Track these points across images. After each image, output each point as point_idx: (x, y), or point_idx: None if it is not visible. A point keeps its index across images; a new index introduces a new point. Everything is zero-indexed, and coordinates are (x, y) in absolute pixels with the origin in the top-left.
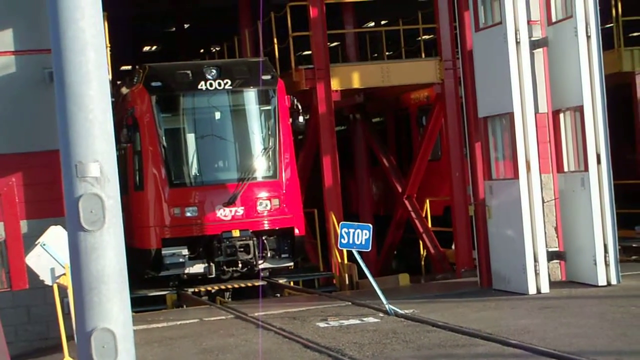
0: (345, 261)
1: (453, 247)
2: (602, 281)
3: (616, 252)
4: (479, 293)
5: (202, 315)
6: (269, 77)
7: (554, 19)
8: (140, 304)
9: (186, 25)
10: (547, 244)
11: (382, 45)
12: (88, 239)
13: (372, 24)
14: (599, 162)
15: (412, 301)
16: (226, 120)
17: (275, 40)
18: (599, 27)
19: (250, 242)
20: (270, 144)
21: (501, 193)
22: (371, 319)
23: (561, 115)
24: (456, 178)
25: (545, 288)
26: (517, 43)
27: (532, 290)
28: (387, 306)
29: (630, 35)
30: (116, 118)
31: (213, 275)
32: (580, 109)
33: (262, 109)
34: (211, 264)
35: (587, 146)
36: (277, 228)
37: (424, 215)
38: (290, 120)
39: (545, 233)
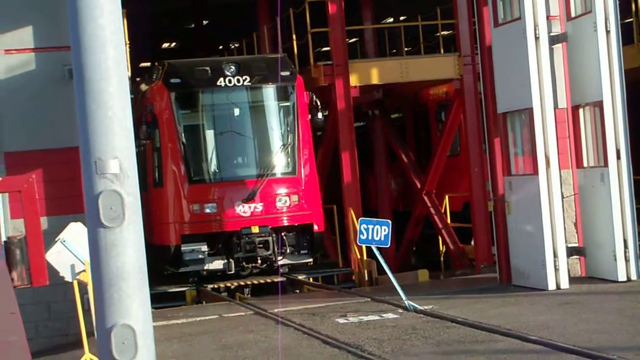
0: (365, 257)
1: (472, 243)
2: (622, 277)
3: (636, 247)
4: (498, 289)
5: (221, 312)
6: (287, 73)
7: (573, 14)
8: (160, 300)
9: (205, 22)
10: (566, 239)
11: (401, 41)
12: (108, 236)
13: (391, 19)
14: (618, 157)
15: (432, 297)
16: (245, 117)
17: (294, 37)
18: (619, 22)
19: (270, 238)
20: (289, 140)
21: (520, 189)
22: (390, 315)
23: (580, 110)
24: (475, 174)
25: (564, 284)
26: (536, 38)
27: (551, 286)
28: (406, 302)
29: None
30: (135, 115)
31: (232, 272)
32: (599, 104)
33: (280, 105)
34: (230, 260)
35: (607, 141)
36: (296, 224)
37: (443, 211)
38: (309, 116)
39: (564, 228)
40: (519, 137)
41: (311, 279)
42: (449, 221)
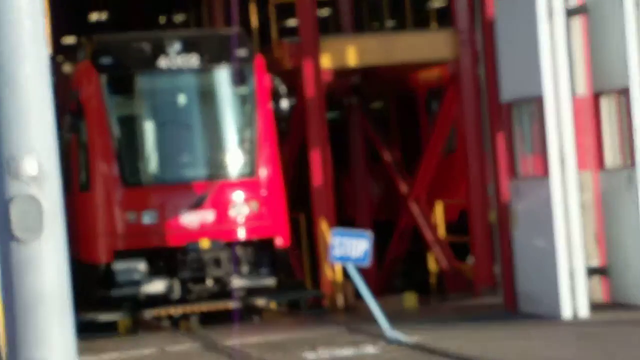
0: (339, 278)
1: (470, 260)
2: None
3: None
4: (501, 317)
5: (163, 344)
6: (244, 52)
7: None
8: (87, 330)
9: None
10: (585, 257)
11: (384, 13)
12: (22, 251)
13: None
14: None
15: (420, 327)
16: (192, 105)
17: (252, 7)
18: None
19: (222, 255)
20: (247, 134)
21: (529, 194)
22: (370, 349)
23: (603, 99)
24: (474, 176)
25: (583, 311)
26: (550, 11)
27: (567, 313)
28: (388, 333)
29: None
30: (57, 102)
31: (176, 296)
32: (626, 92)
33: (236, 91)
34: (174, 281)
35: (635, 137)
36: (255, 238)
37: (434, 221)
38: (272, 105)
39: (583, 244)
40: (527, 131)
41: (273, 304)
42: (441, 234)
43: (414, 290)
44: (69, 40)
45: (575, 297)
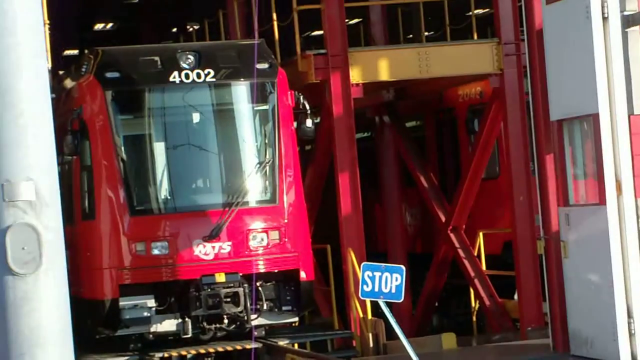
0: (369, 316)
1: (515, 297)
2: None
3: None
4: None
5: None
6: (265, 65)
7: None
8: None
9: None
10: None
11: (420, 23)
12: (18, 286)
13: None
14: None
15: None
16: (207, 125)
17: (274, 16)
18: None
19: (240, 290)
20: (268, 156)
21: (582, 224)
22: None
23: None
24: (520, 203)
25: None
26: (604, 19)
27: (624, 357)
28: None
29: None
30: (58, 121)
31: (189, 335)
32: None
33: (256, 109)
34: (187, 319)
35: None
36: (276, 270)
37: (475, 253)
38: (295, 124)
39: None
40: (579, 153)
41: (297, 346)
42: (483, 267)
43: (452, 329)
44: (72, 52)
45: (633, 338)
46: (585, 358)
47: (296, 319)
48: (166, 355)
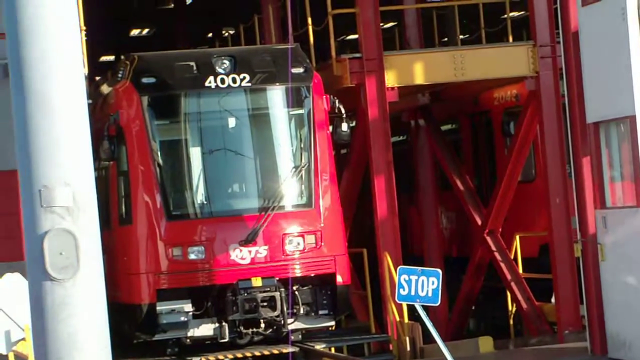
0: (406, 319)
1: (553, 300)
2: None
3: None
4: None
5: None
6: (300, 70)
7: None
8: None
9: (189, 0)
10: None
11: (455, 26)
12: (56, 292)
13: None
14: None
15: None
16: (243, 129)
17: (309, 20)
18: None
19: (277, 294)
20: (304, 160)
21: (619, 226)
22: None
23: None
24: (556, 206)
25: None
26: None
27: None
28: None
29: None
30: (94, 127)
31: (226, 339)
32: None
33: (291, 113)
34: (224, 323)
35: None
36: (312, 275)
37: (512, 256)
38: (330, 128)
39: None
40: (616, 155)
41: (333, 350)
42: (520, 270)
43: (489, 333)
44: (108, 58)
45: None
46: None
47: (333, 323)
48: (203, 359)
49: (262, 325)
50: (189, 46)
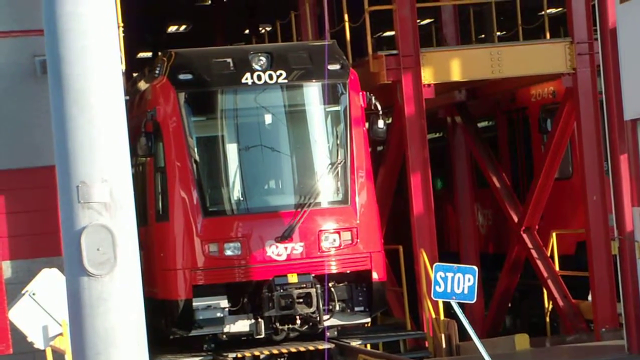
0: (442, 316)
1: (589, 297)
2: None
3: None
4: None
5: None
6: (337, 67)
7: None
8: None
9: None
10: None
11: (492, 23)
12: (93, 287)
13: None
14: None
15: None
16: (279, 126)
17: (346, 17)
18: None
19: (312, 291)
20: (340, 157)
21: None
22: None
23: None
24: (594, 203)
25: None
26: None
27: None
28: None
29: None
30: (131, 123)
31: (262, 336)
32: None
33: (328, 110)
34: (259, 320)
35: None
36: (348, 271)
37: (549, 254)
38: (367, 125)
39: None
40: None
41: (369, 346)
42: (557, 268)
43: (525, 330)
44: (146, 54)
45: None
46: None
47: (368, 319)
48: (239, 355)
49: (298, 321)
50: (226, 43)
